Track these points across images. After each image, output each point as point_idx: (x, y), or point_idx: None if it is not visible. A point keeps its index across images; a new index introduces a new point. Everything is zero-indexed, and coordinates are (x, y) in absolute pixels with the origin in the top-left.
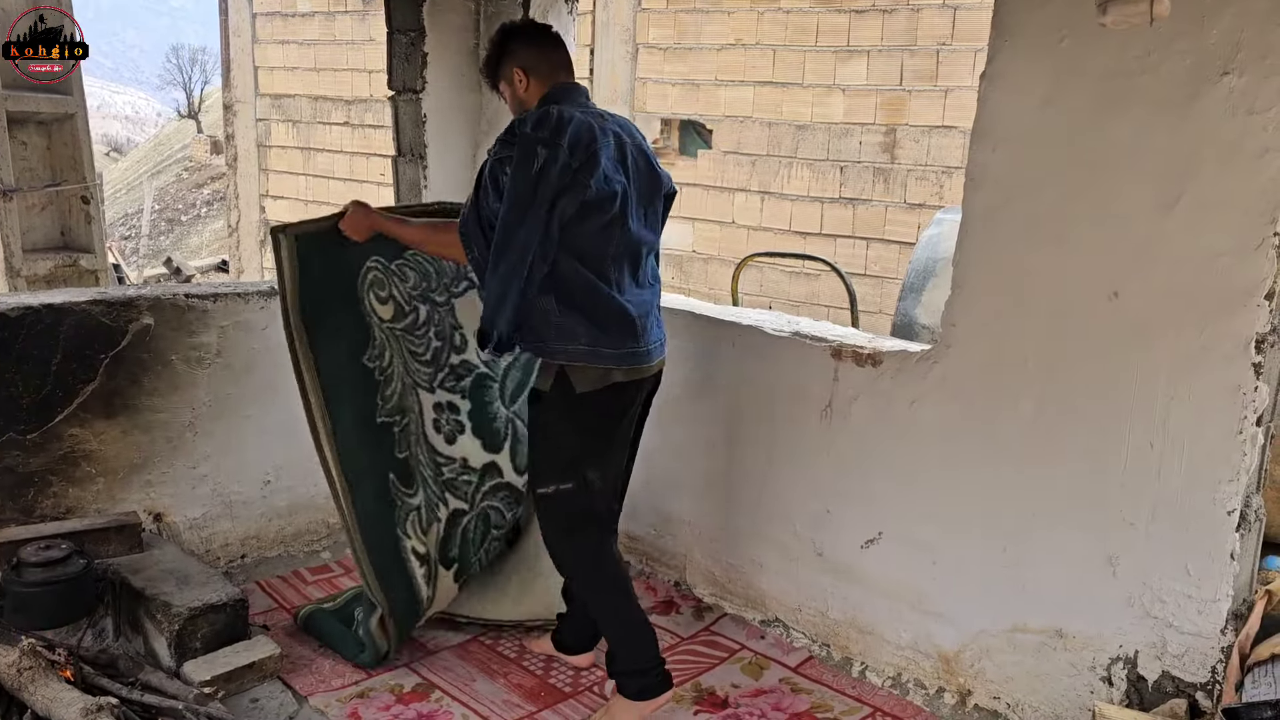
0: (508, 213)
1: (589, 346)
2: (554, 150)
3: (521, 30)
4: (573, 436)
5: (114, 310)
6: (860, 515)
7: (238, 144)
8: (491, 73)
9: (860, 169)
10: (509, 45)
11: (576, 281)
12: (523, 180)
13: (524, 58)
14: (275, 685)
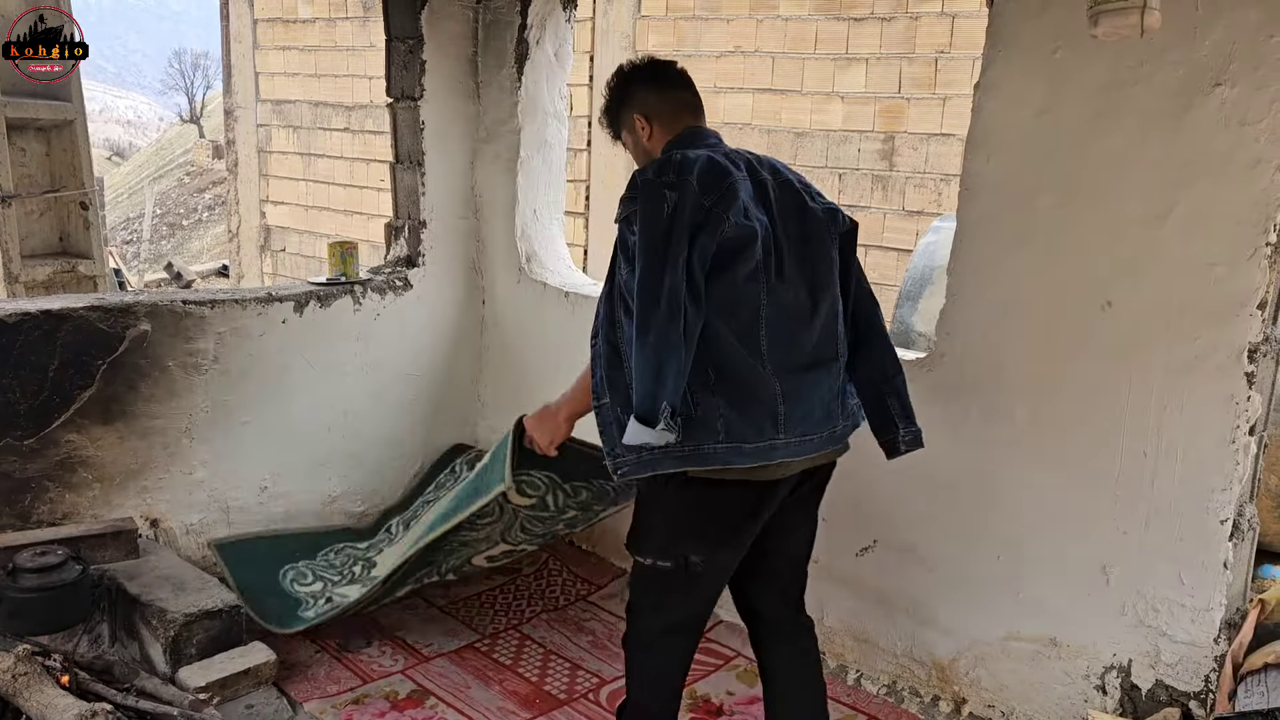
0: (645, 267)
1: (726, 444)
2: (682, 190)
3: (642, 71)
4: (679, 519)
5: (111, 316)
6: (856, 523)
7: (238, 149)
8: (612, 122)
9: (859, 176)
10: (629, 89)
11: (719, 354)
12: (655, 224)
13: (646, 102)
14: (270, 692)
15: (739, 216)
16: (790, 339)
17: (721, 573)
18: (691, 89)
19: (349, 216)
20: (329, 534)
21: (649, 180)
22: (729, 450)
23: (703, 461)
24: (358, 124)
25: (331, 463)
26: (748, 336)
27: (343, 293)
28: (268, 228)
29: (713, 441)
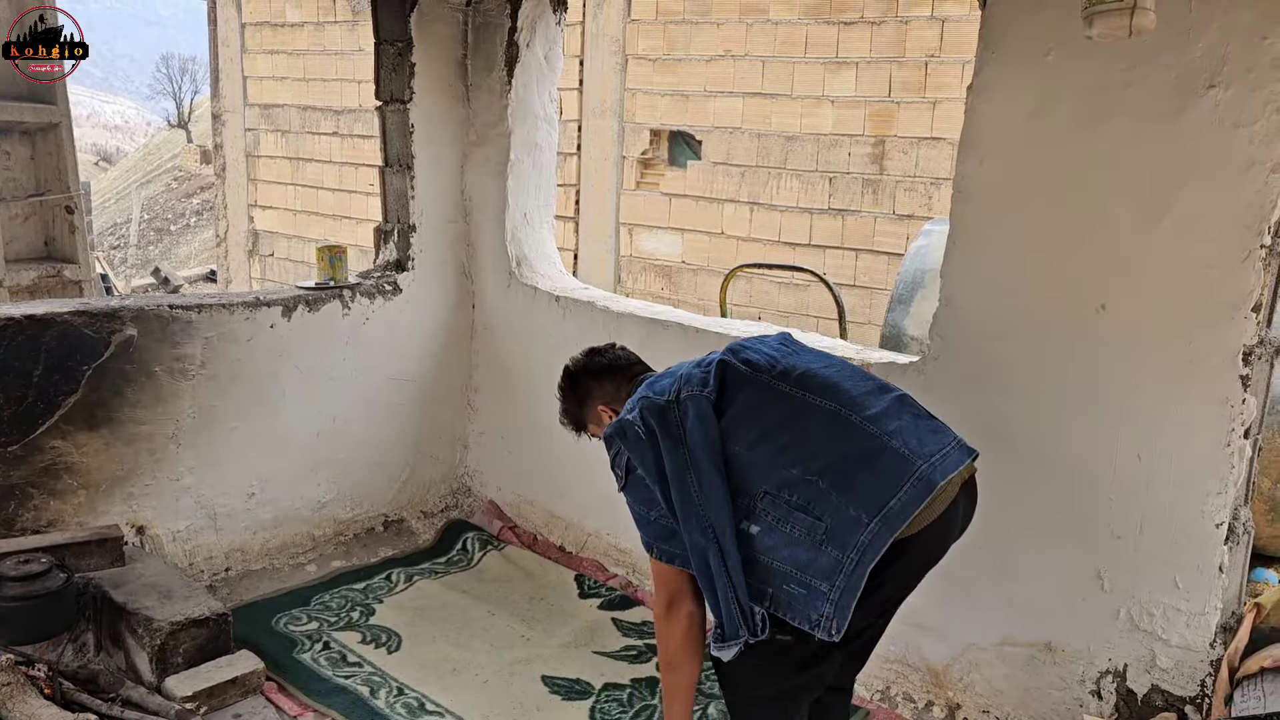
0: (680, 507)
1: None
2: (663, 428)
3: (585, 369)
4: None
5: (97, 321)
6: None
7: (226, 154)
8: (576, 422)
9: (849, 180)
10: (585, 389)
11: (758, 551)
12: (672, 463)
13: (601, 394)
14: (258, 701)
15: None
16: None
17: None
18: (625, 360)
19: (337, 221)
20: (322, 583)
21: (624, 420)
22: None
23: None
24: (346, 128)
25: (320, 469)
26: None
27: (331, 297)
28: (256, 232)
29: (792, 617)
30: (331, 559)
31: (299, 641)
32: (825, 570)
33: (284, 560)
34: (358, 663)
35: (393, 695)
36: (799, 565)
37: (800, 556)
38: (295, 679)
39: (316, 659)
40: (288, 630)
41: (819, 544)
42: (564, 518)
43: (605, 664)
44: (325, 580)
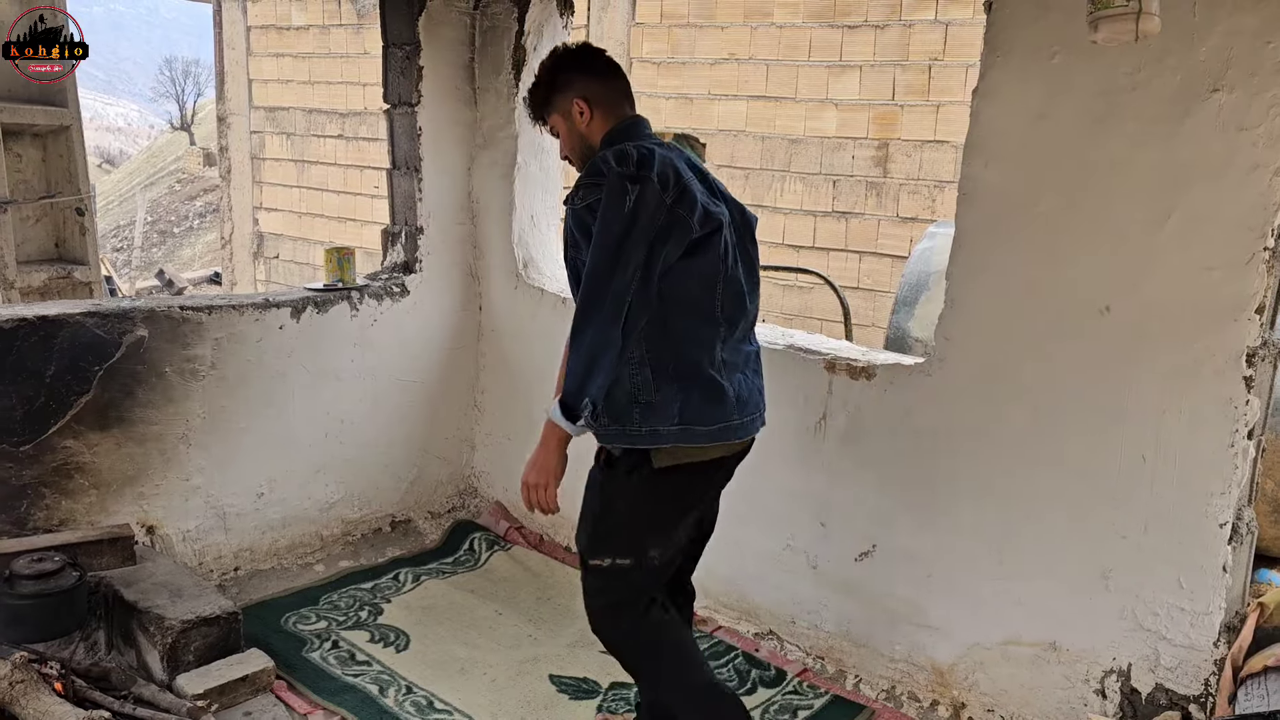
0: (598, 260)
1: (681, 425)
2: (644, 185)
3: (580, 56)
4: (641, 512)
5: (108, 322)
6: (854, 528)
7: (231, 156)
8: (542, 103)
9: (853, 183)
10: (566, 74)
11: (677, 346)
12: (615, 220)
13: (585, 87)
14: (268, 699)
15: (700, 217)
16: (739, 327)
17: (676, 555)
18: (626, 80)
19: (342, 223)
20: (330, 583)
21: (615, 171)
22: (682, 432)
23: (657, 441)
24: (351, 131)
25: (329, 469)
26: (706, 325)
27: (340, 299)
28: (261, 234)
29: (669, 425)
30: (339, 559)
31: (308, 640)
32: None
33: (292, 560)
34: (366, 661)
35: (402, 694)
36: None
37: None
38: (305, 677)
39: (325, 658)
40: (296, 629)
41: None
42: (570, 518)
43: (612, 663)
44: (333, 580)
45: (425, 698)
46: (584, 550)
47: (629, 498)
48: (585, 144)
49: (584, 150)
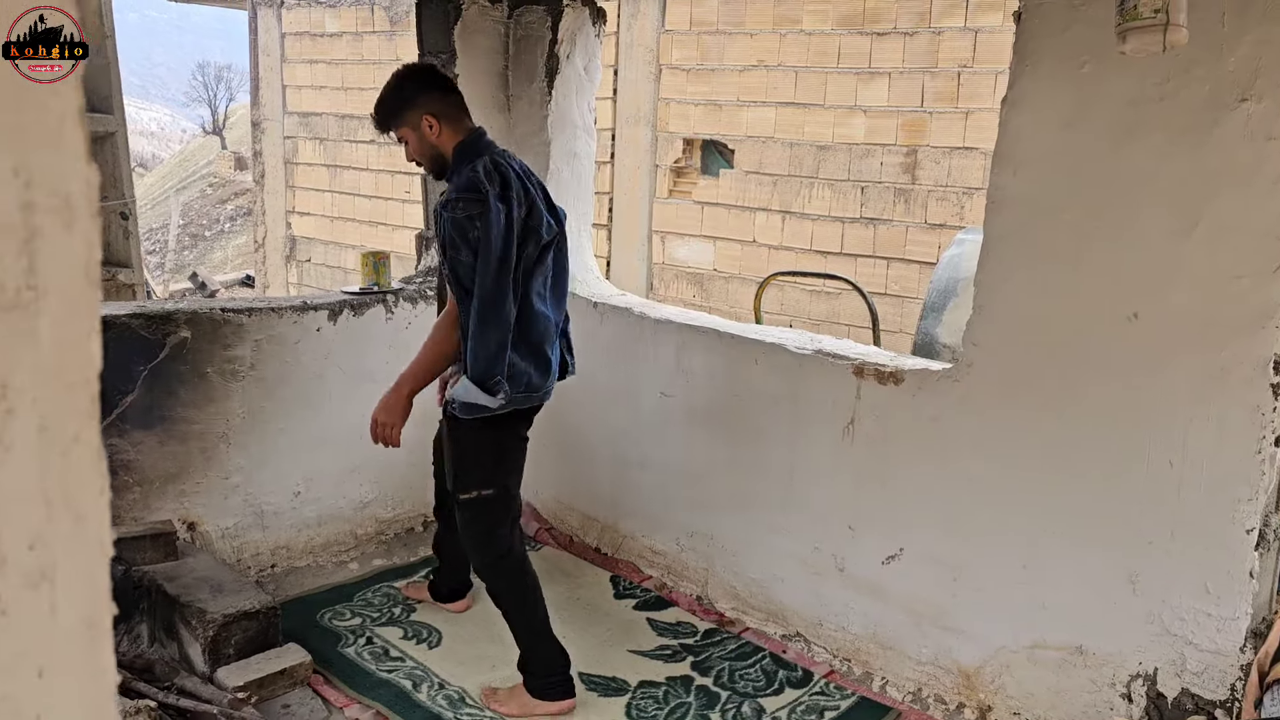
0: (492, 269)
1: (526, 391)
2: (510, 205)
3: (425, 75)
4: (494, 448)
5: (153, 323)
6: (882, 531)
7: (265, 161)
8: (392, 116)
9: (881, 189)
10: (415, 93)
11: (526, 326)
12: (498, 234)
13: (433, 104)
14: (306, 692)
15: (546, 226)
16: (556, 311)
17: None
18: (461, 95)
19: (374, 227)
20: (364, 580)
21: (489, 191)
22: (524, 395)
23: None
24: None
25: (363, 469)
26: (542, 310)
27: (375, 302)
28: (293, 238)
29: (519, 390)
30: (373, 557)
31: (343, 636)
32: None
33: (327, 558)
34: (400, 657)
35: (434, 689)
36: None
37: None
38: (340, 672)
39: (360, 653)
40: (332, 625)
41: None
42: (600, 520)
43: (640, 662)
44: (367, 577)
45: (457, 693)
46: (455, 489)
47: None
48: (436, 153)
49: (436, 158)
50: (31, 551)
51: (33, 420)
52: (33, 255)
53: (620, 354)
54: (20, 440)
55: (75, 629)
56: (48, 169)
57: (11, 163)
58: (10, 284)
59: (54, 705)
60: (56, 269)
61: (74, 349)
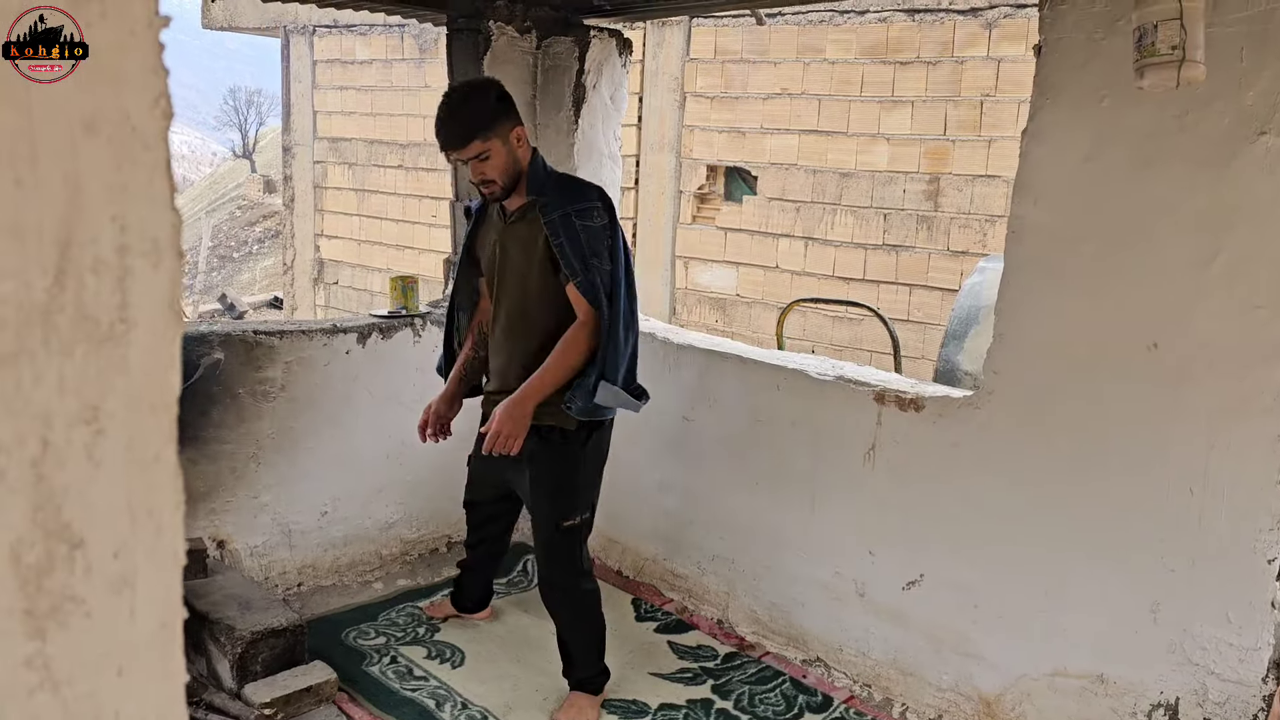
0: (627, 271)
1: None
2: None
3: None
4: (599, 463)
5: (189, 345)
6: (902, 557)
7: (295, 185)
8: (484, 129)
9: (904, 216)
10: (509, 105)
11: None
12: (620, 238)
13: (517, 118)
14: (331, 709)
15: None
16: None
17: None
18: None
19: (400, 251)
20: (389, 600)
21: (606, 199)
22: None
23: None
24: (411, 161)
25: (389, 490)
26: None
27: (403, 325)
28: (321, 261)
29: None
30: (397, 577)
31: (368, 655)
32: None
33: (353, 577)
34: (424, 677)
35: (457, 709)
36: None
37: None
38: (365, 690)
39: (384, 672)
40: (357, 644)
41: None
42: (621, 543)
43: (661, 685)
44: (392, 597)
45: (480, 713)
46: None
47: (589, 456)
48: (517, 169)
49: (514, 174)
50: (116, 559)
51: (121, 440)
52: (125, 292)
53: (643, 378)
54: (109, 458)
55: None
56: (141, 216)
57: (111, 212)
58: (105, 319)
59: (131, 703)
60: (145, 304)
61: (158, 376)
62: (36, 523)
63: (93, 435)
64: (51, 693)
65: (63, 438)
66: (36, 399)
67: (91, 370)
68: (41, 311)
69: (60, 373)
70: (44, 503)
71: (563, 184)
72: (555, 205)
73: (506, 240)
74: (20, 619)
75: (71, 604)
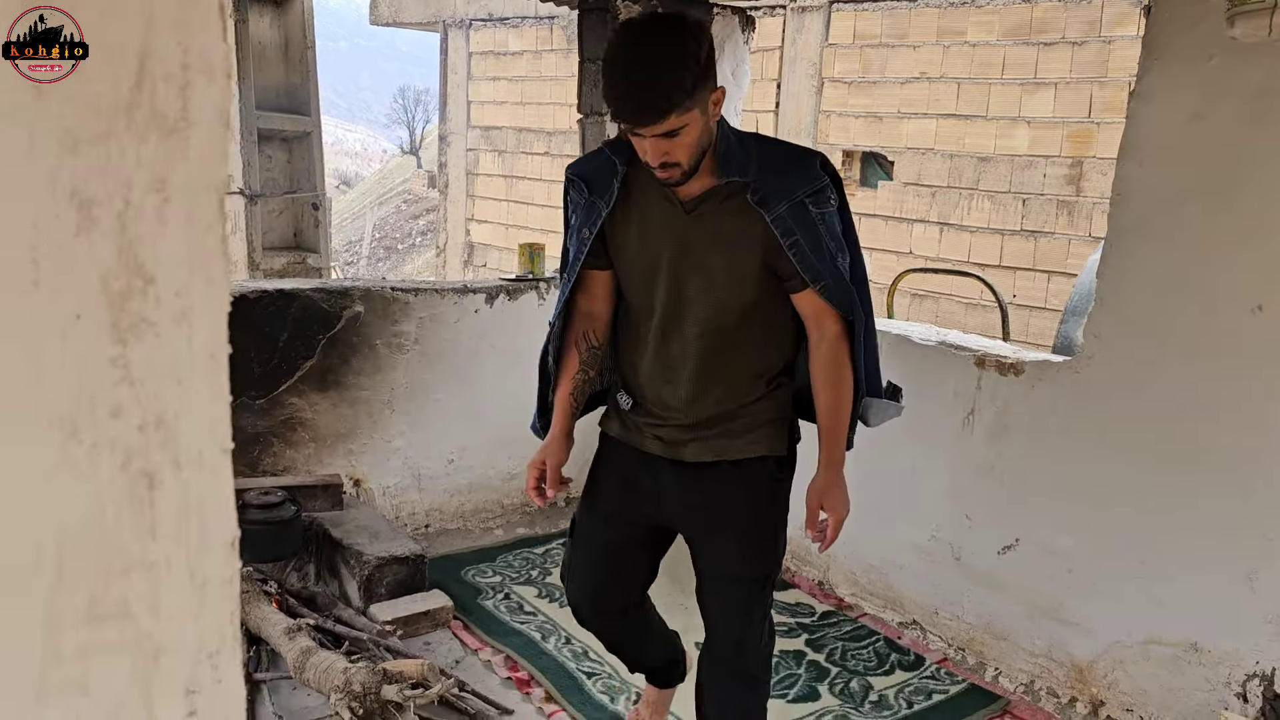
0: (863, 261)
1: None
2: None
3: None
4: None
5: (332, 298)
6: (998, 522)
7: (449, 172)
8: (689, 94)
9: (1043, 202)
10: (711, 59)
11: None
12: (850, 222)
13: (716, 77)
14: (445, 633)
15: None
16: None
17: None
18: None
19: (544, 235)
20: (507, 545)
21: (830, 168)
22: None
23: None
24: (557, 148)
25: (511, 443)
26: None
27: (529, 288)
28: (471, 244)
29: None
30: (516, 525)
31: (483, 590)
32: None
33: (475, 523)
34: (533, 612)
35: (561, 642)
36: None
37: None
38: (478, 620)
39: (497, 606)
40: (474, 580)
41: None
42: None
43: None
44: (510, 543)
45: (581, 648)
46: (762, 570)
47: (784, 497)
48: (704, 142)
49: (703, 151)
50: (177, 297)
51: (182, 209)
52: (186, 99)
53: None
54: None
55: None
56: (199, 43)
57: (176, 38)
58: (171, 115)
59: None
60: (202, 109)
61: (210, 165)
62: (120, 260)
63: (161, 201)
64: (128, 386)
65: (139, 200)
66: (121, 170)
67: (161, 153)
68: (125, 106)
69: (138, 152)
70: (126, 246)
71: (774, 157)
72: (779, 192)
73: (692, 236)
74: (109, 329)
75: (145, 325)
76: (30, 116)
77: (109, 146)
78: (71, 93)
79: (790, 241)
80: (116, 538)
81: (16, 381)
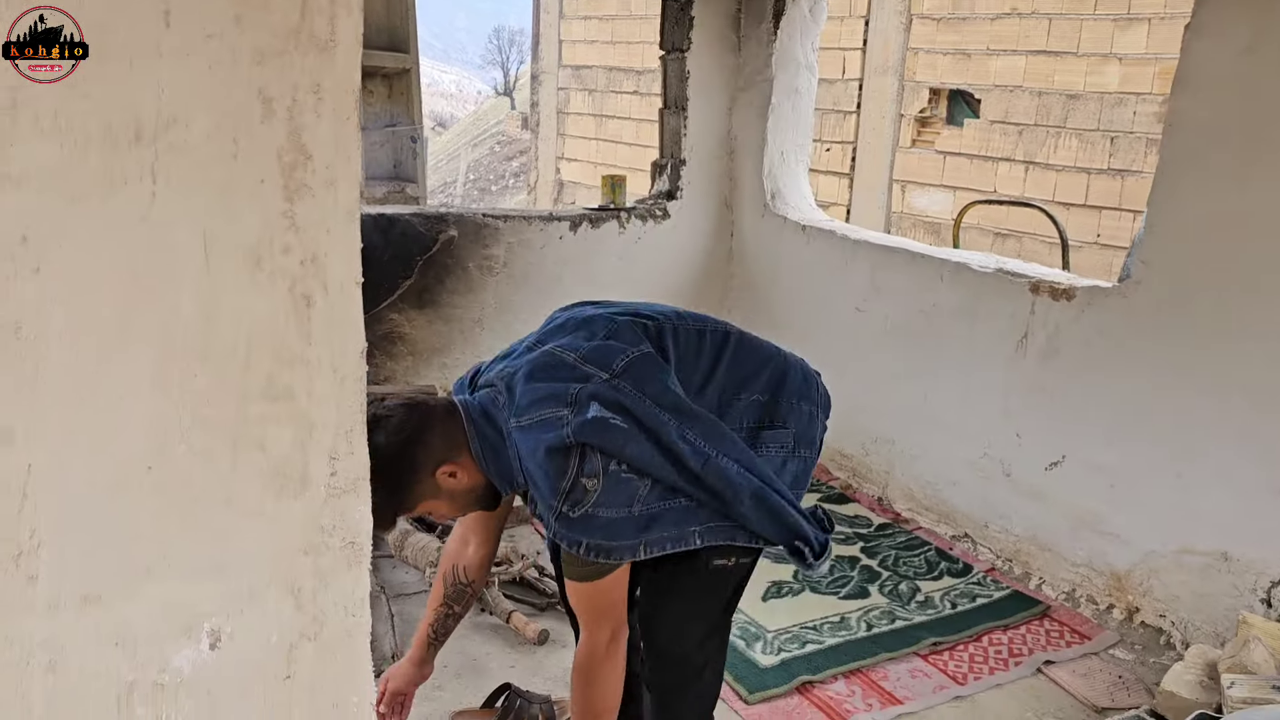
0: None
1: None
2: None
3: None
4: None
5: (428, 222)
6: (1046, 439)
7: (541, 111)
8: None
9: (1132, 140)
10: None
11: None
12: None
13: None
14: (528, 529)
15: None
16: None
17: None
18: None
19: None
20: None
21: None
22: None
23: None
24: (645, 87)
25: None
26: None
27: (610, 218)
28: (561, 182)
29: None
30: None
31: None
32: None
33: None
34: None
35: None
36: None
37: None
38: None
39: None
40: None
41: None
42: None
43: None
44: None
45: None
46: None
47: None
48: (478, 486)
49: (475, 494)
50: (326, 169)
51: (331, 105)
52: (334, 25)
53: (822, 271)
54: (325, 114)
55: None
56: None
57: None
58: (323, 37)
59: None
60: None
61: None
62: (289, 141)
63: (316, 99)
64: (294, 232)
65: (303, 98)
66: (291, 76)
67: (317, 64)
68: (294, 30)
69: (302, 63)
70: (293, 131)
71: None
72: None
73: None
74: (281, 190)
75: (305, 188)
76: (234, 40)
77: (283, 60)
78: (259, 22)
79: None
80: (284, 339)
81: (223, 227)
